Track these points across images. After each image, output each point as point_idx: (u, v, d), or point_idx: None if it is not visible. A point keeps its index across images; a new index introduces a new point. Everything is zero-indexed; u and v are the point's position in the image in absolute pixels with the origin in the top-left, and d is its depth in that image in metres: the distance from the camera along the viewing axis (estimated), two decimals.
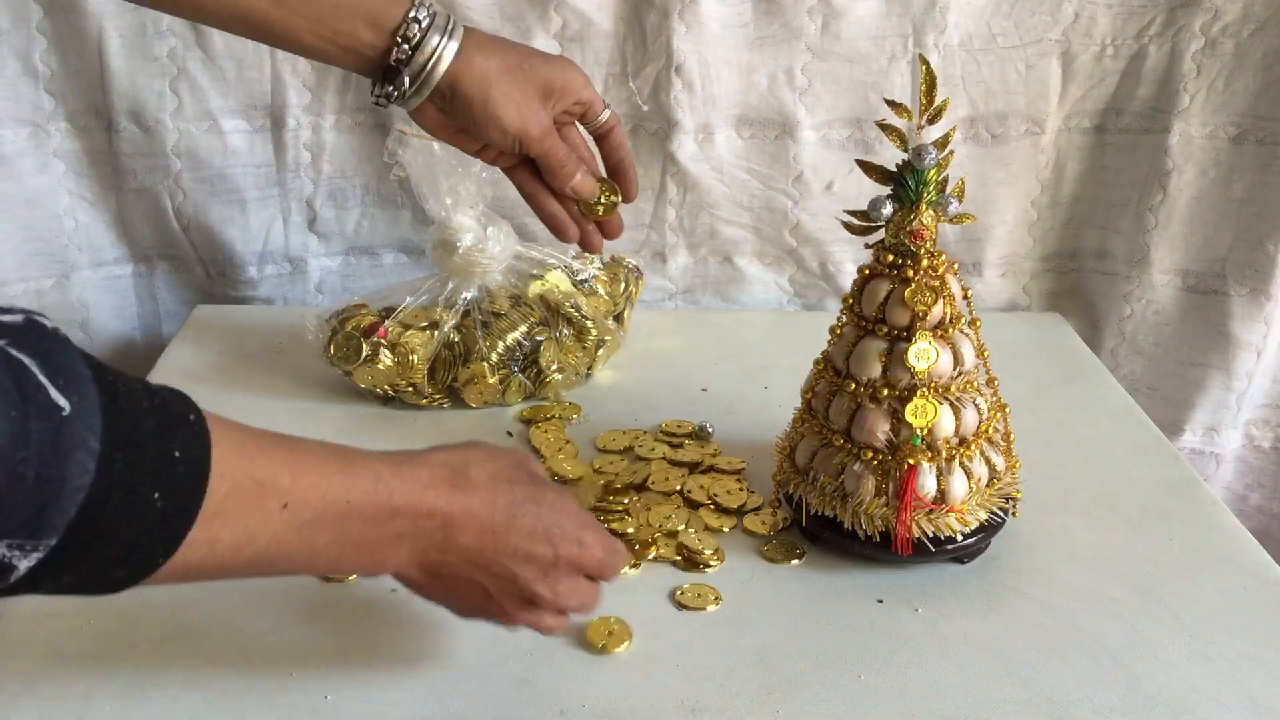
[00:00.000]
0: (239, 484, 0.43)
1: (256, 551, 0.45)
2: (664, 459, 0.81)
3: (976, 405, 0.68)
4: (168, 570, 0.42)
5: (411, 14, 0.67)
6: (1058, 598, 0.68)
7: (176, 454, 0.41)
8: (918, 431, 0.66)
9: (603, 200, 0.77)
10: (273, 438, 0.47)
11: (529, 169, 0.75)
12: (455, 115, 0.70)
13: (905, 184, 0.65)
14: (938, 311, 0.66)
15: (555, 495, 0.56)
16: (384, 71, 0.68)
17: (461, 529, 0.52)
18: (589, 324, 0.89)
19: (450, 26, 0.68)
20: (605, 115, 0.76)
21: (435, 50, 0.67)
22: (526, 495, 0.54)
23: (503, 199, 0.97)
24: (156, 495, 0.40)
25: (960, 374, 0.67)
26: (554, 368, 0.87)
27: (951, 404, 0.67)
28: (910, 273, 0.66)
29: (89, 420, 0.37)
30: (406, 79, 0.68)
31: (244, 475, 0.44)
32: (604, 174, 0.79)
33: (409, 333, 0.86)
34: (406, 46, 0.67)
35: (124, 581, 0.42)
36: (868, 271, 0.68)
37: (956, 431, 0.67)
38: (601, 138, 0.78)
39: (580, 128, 0.78)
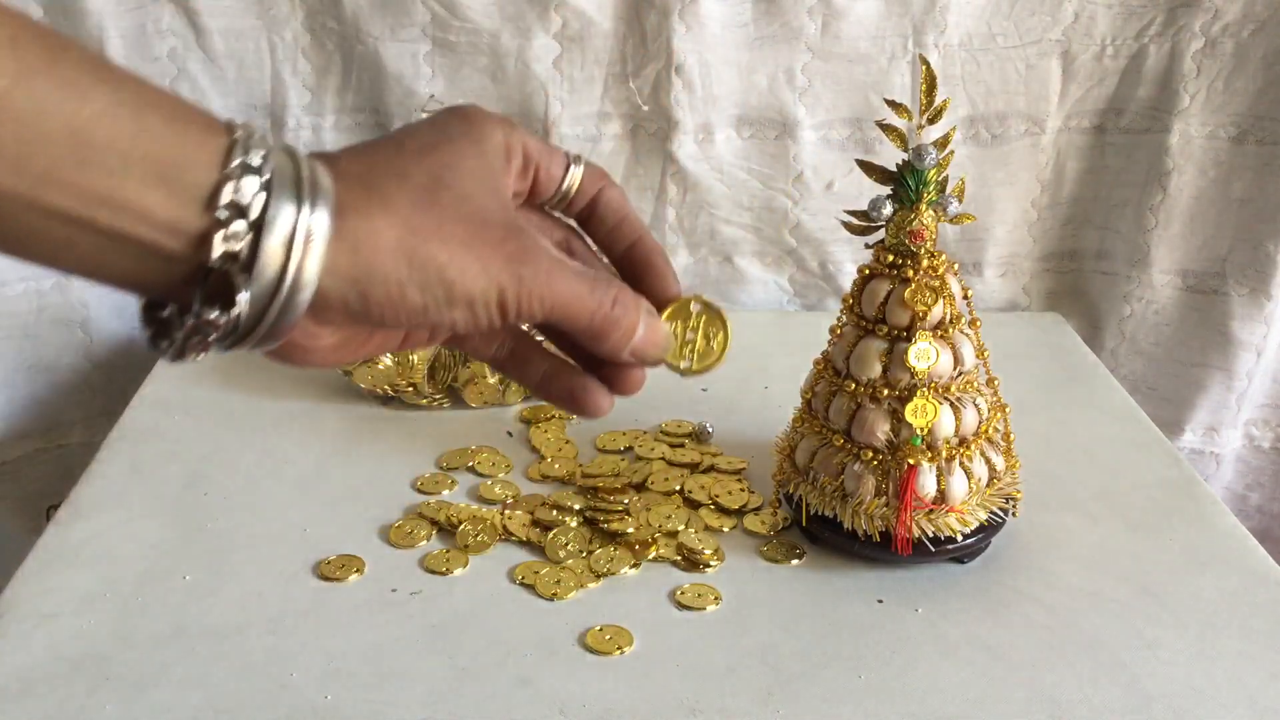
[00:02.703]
0: None
1: None
2: (664, 459, 0.81)
3: (976, 405, 0.68)
4: None
5: (236, 157, 0.34)
6: (1058, 598, 0.68)
7: None
8: (918, 431, 0.66)
9: (692, 351, 0.46)
10: None
11: (522, 342, 0.46)
12: (367, 319, 0.38)
13: (905, 184, 0.65)
14: (938, 311, 0.66)
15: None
16: (193, 285, 0.34)
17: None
18: None
19: (305, 176, 0.35)
20: (575, 174, 0.44)
21: (291, 234, 0.34)
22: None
23: None
24: None
25: (960, 374, 0.67)
26: None
27: (951, 404, 0.67)
28: (910, 273, 0.66)
29: None
30: (246, 299, 0.34)
31: None
32: None
33: None
34: (240, 225, 0.34)
35: None
36: (868, 271, 0.68)
37: (956, 431, 0.67)
38: (585, 211, 0.45)
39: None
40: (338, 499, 0.76)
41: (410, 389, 0.86)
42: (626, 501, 0.75)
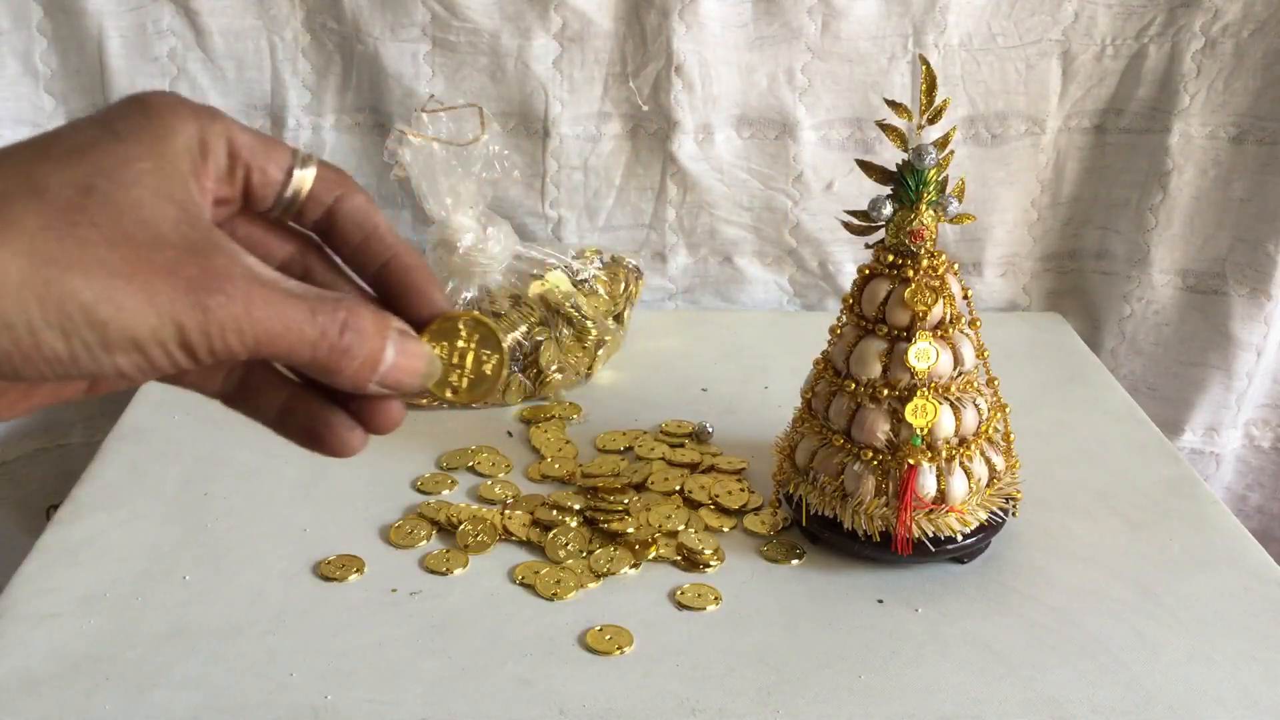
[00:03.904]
0: None
1: None
2: (664, 459, 0.81)
3: (976, 405, 0.68)
4: None
5: None
6: (1058, 598, 0.68)
7: None
8: (918, 431, 0.66)
9: (460, 376, 0.38)
10: None
11: (255, 370, 0.38)
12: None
13: (905, 184, 0.65)
14: (938, 311, 0.66)
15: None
16: None
17: None
18: (589, 324, 0.89)
19: None
20: (301, 177, 0.36)
21: None
22: None
23: (503, 199, 0.97)
24: None
25: (960, 374, 0.67)
26: (554, 368, 0.87)
27: (951, 404, 0.67)
28: (910, 273, 0.66)
29: None
30: None
31: None
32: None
33: None
34: None
35: None
36: (868, 271, 0.68)
37: (956, 431, 0.67)
38: (324, 223, 0.37)
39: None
40: (338, 499, 0.76)
41: None
42: (626, 501, 0.75)
